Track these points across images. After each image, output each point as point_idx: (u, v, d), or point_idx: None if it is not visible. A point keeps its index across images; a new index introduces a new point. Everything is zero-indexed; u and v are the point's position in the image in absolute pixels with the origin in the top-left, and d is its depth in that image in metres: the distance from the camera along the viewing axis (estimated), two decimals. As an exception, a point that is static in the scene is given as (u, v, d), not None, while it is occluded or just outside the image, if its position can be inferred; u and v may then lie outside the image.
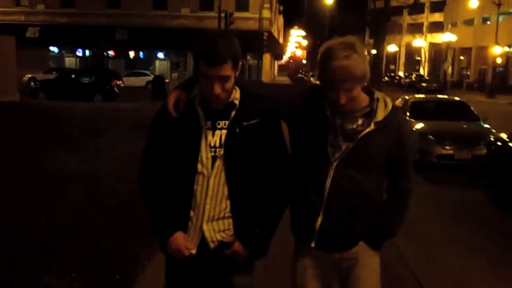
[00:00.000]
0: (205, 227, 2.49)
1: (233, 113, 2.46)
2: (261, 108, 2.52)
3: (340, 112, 2.54)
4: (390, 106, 2.59)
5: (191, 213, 2.50)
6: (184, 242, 2.50)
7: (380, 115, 2.55)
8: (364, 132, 2.52)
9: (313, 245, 2.65)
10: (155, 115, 2.59)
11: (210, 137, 2.46)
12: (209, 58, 2.30)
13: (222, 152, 2.45)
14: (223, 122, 2.46)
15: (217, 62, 2.30)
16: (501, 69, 48.84)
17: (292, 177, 2.64)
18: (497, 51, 42.81)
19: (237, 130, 2.45)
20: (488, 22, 52.20)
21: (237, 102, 2.48)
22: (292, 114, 2.62)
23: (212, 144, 2.46)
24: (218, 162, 2.46)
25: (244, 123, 2.46)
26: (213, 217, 2.49)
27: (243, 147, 2.46)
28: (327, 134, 2.54)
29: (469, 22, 57.42)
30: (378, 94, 2.61)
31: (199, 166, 2.46)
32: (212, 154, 2.46)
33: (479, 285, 5.18)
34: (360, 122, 2.55)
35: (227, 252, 2.51)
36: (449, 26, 60.96)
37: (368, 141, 2.52)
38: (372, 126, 2.53)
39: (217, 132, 2.46)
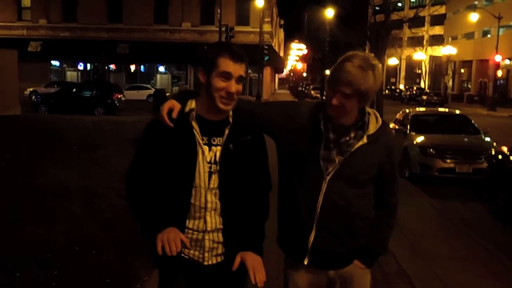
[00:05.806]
0: (206, 237, 2.52)
1: (227, 130, 2.50)
2: (252, 125, 2.57)
3: (334, 126, 2.55)
4: (380, 121, 2.63)
5: (188, 223, 2.50)
6: (178, 235, 2.41)
7: (372, 128, 2.57)
8: (357, 145, 2.53)
9: (306, 262, 2.63)
10: (148, 126, 2.59)
11: (206, 152, 2.49)
12: (234, 54, 2.41)
13: (217, 168, 2.49)
14: (218, 139, 2.50)
15: (241, 59, 2.43)
16: (502, 82, 48.90)
17: (282, 193, 2.66)
18: (497, 62, 42.84)
19: (231, 148, 2.49)
20: (488, 36, 52.40)
21: (230, 119, 2.52)
22: (287, 127, 2.60)
23: (208, 160, 2.49)
24: (214, 177, 2.49)
25: (237, 140, 2.50)
26: (215, 228, 2.52)
27: (237, 163, 2.51)
28: (320, 148, 2.54)
29: (470, 36, 57.65)
30: (368, 109, 2.63)
31: (197, 181, 2.47)
32: (209, 169, 2.49)
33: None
34: (352, 135, 2.56)
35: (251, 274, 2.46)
36: (450, 39, 61.23)
37: (361, 154, 2.54)
38: (365, 140, 2.54)
39: (213, 149, 2.50)
